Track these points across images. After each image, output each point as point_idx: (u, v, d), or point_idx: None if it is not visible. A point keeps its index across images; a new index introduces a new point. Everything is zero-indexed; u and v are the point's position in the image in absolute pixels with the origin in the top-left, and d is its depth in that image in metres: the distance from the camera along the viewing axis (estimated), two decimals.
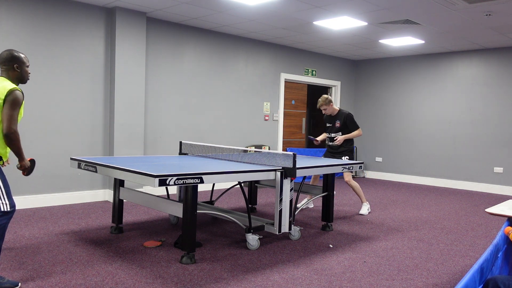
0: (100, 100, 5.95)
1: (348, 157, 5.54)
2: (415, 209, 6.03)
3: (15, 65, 3.06)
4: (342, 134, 5.56)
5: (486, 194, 7.68)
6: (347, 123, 5.53)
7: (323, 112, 5.70)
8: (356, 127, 5.57)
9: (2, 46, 5.07)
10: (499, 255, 2.36)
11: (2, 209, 2.86)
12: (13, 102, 2.91)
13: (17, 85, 3.06)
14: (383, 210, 5.90)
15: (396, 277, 3.33)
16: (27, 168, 3.12)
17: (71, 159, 4.09)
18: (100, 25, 5.90)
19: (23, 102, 3.02)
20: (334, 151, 5.66)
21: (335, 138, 5.56)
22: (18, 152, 2.98)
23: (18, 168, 3.07)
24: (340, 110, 5.64)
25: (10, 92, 2.91)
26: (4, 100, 2.89)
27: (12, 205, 2.93)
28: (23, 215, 4.93)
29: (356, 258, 3.77)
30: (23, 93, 2.99)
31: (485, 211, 2.97)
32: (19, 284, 2.98)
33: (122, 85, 5.96)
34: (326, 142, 5.80)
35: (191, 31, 6.87)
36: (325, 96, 5.58)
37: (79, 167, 3.97)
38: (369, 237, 4.49)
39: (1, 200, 2.89)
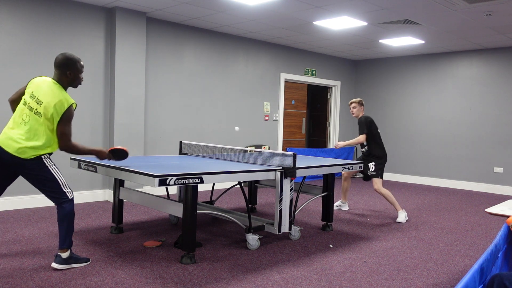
0: (100, 100, 5.95)
1: (374, 163, 5.17)
2: (415, 209, 6.03)
3: (67, 72, 3.14)
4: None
5: (486, 194, 7.67)
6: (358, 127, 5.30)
7: (351, 111, 5.38)
8: (360, 131, 5.22)
9: (3, 46, 5.07)
10: (499, 255, 2.36)
11: (70, 197, 3.19)
12: (67, 119, 3.05)
13: (66, 89, 3.17)
14: (383, 210, 5.90)
15: (396, 277, 3.33)
16: (108, 158, 3.40)
17: (71, 159, 4.09)
18: (100, 25, 5.90)
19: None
20: (363, 157, 5.33)
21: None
22: (85, 153, 3.22)
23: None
24: (361, 116, 5.32)
25: (68, 108, 3.04)
26: (62, 115, 3.02)
27: (73, 192, 3.25)
28: (23, 215, 4.93)
29: (356, 258, 3.77)
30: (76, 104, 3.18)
31: (485, 211, 2.97)
32: (90, 260, 3.42)
33: (122, 85, 5.96)
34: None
35: (191, 31, 6.87)
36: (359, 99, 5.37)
37: (79, 167, 3.97)
38: (369, 237, 4.49)
39: (66, 189, 3.19)
